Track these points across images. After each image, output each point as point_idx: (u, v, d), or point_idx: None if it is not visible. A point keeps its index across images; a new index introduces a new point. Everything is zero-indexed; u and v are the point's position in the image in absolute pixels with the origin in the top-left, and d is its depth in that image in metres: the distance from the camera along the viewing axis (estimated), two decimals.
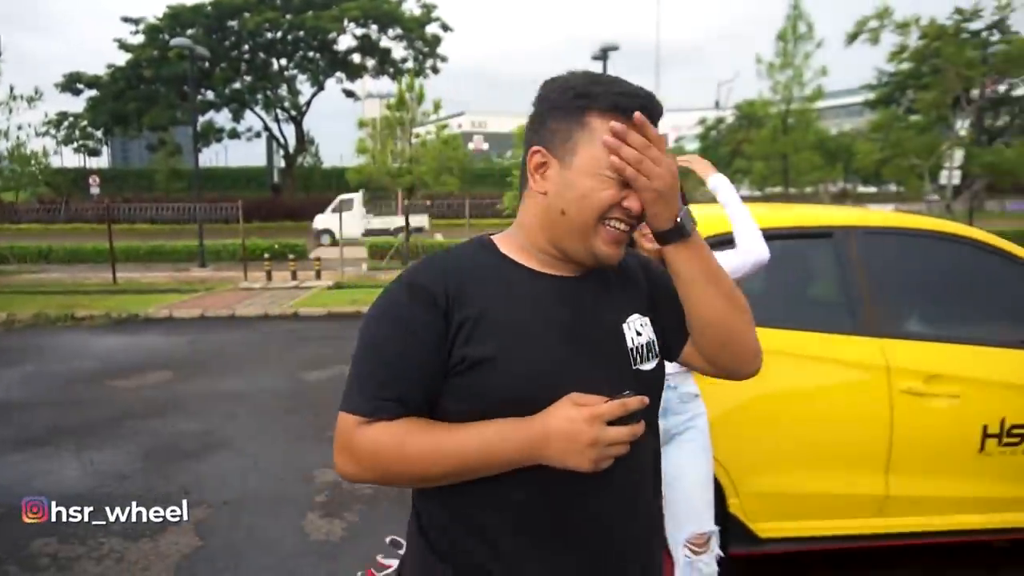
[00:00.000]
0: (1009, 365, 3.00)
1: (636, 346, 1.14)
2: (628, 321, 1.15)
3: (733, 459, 2.87)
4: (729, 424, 2.82)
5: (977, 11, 17.97)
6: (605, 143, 1.02)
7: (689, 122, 65.85)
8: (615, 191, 1.05)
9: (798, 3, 19.10)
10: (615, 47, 17.90)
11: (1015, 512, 3.05)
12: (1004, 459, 2.98)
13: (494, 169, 42.11)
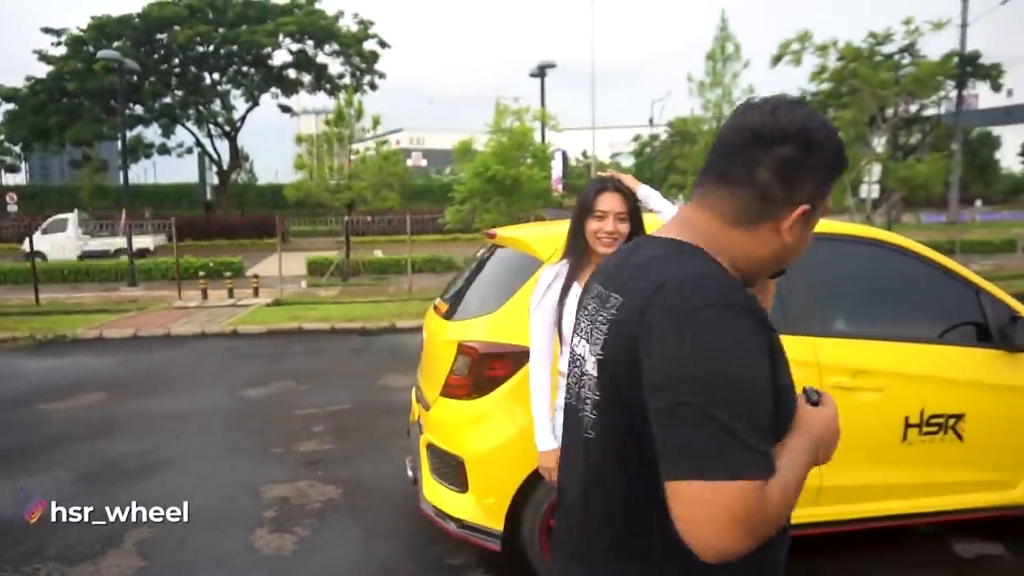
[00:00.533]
0: (927, 359, 3.24)
1: None
2: None
3: None
4: None
5: (889, 35, 19.12)
6: None
7: (624, 139, 67.45)
8: None
9: (726, 25, 19.90)
10: (552, 65, 18.25)
11: (937, 497, 3.28)
12: (924, 447, 3.21)
13: (433, 185, 42.11)
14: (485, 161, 11.68)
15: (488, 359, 2.98)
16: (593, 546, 1.09)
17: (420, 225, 26.85)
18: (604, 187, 2.36)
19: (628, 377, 0.97)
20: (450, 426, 3.11)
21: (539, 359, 2.42)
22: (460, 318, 3.29)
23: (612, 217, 2.32)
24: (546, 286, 2.38)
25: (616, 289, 1.05)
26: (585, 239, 2.36)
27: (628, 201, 2.34)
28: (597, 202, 2.34)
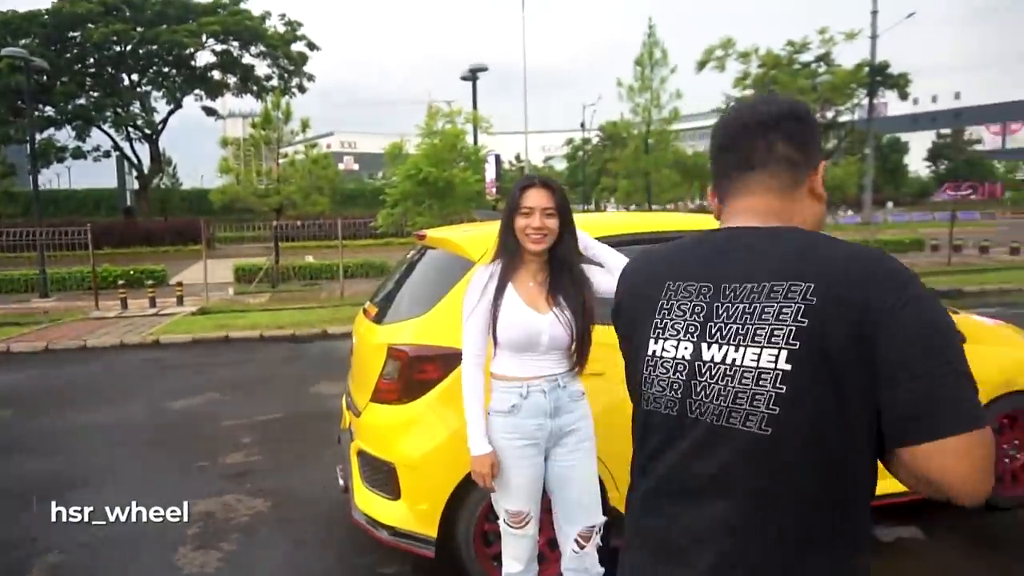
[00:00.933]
0: None
1: None
2: None
3: (612, 455, 3.01)
4: (606, 421, 2.96)
5: (806, 44, 19.98)
6: None
7: (557, 143, 68.23)
8: None
9: (653, 31, 20.41)
10: (484, 68, 18.28)
11: None
12: None
13: (366, 189, 41.51)
14: (417, 163, 11.57)
15: (419, 362, 2.92)
16: (764, 549, 1.04)
17: (353, 229, 26.30)
18: (530, 183, 2.35)
19: (848, 358, 0.97)
20: (381, 432, 3.04)
21: (472, 362, 2.38)
22: (390, 321, 3.22)
23: (539, 213, 2.31)
24: (481, 288, 2.35)
25: (781, 278, 1.03)
26: (515, 237, 2.34)
27: (555, 196, 2.33)
28: (523, 198, 2.32)
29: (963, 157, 65.00)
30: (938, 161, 66.66)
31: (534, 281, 2.39)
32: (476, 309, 2.34)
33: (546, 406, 2.38)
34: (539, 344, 2.34)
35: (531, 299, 2.35)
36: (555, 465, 2.45)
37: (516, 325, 2.31)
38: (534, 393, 2.36)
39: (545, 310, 2.34)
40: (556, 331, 2.33)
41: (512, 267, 2.35)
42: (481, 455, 2.34)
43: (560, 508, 2.47)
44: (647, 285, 1.20)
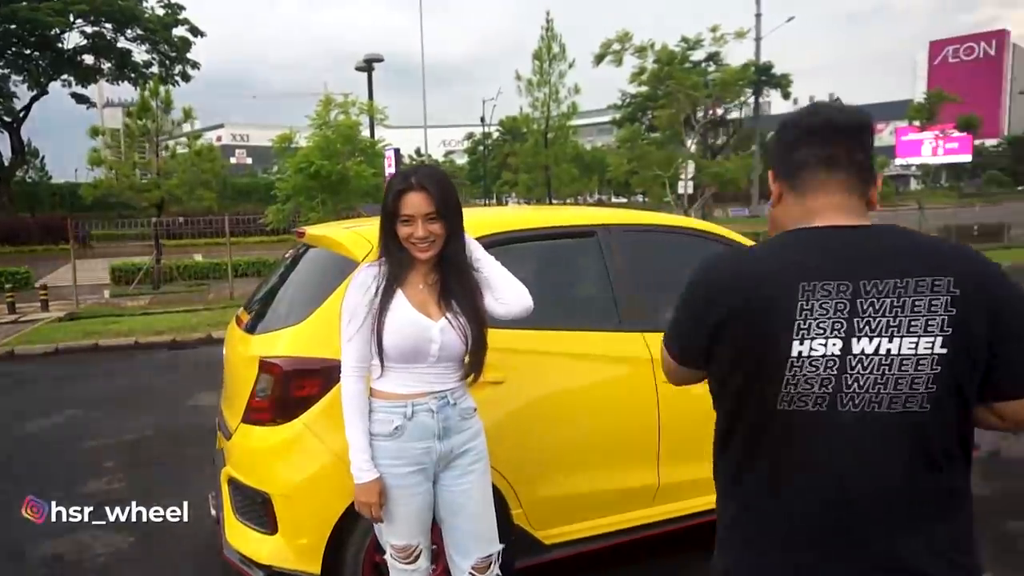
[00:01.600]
0: None
1: None
2: None
3: (514, 468, 2.78)
4: (506, 433, 2.72)
5: (699, 41, 20.58)
6: None
7: (458, 137, 67.77)
8: None
9: (551, 25, 20.44)
10: (379, 59, 17.69)
11: None
12: None
13: (259, 184, 39.67)
14: (308, 156, 10.95)
15: (295, 377, 2.57)
16: (909, 526, 1.20)
17: (244, 226, 24.96)
18: (406, 186, 2.05)
19: (983, 342, 1.16)
20: (254, 457, 2.66)
21: (353, 374, 2.07)
22: (264, 330, 2.84)
23: (420, 220, 2.03)
24: (363, 289, 2.05)
25: (925, 273, 1.18)
26: (401, 244, 2.06)
27: (435, 199, 2.04)
28: (401, 206, 2.04)
29: None
30: None
31: (424, 283, 2.11)
32: (357, 313, 2.04)
33: (434, 427, 2.10)
34: (429, 354, 2.06)
35: (421, 303, 2.07)
36: (444, 491, 2.18)
37: (404, 332, 2.02)
38: (420, 413, 2.08)
39: (437, 315, 2.07)
40: (448, 338, 2.07)
41: (402, 272, 2.07)
42: (367, 483, 2.04)
43: (451, 539, 2.20)
44: (773, 289, 1.23)
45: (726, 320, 1.26)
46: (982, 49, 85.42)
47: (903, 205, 26.57)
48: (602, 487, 2.98)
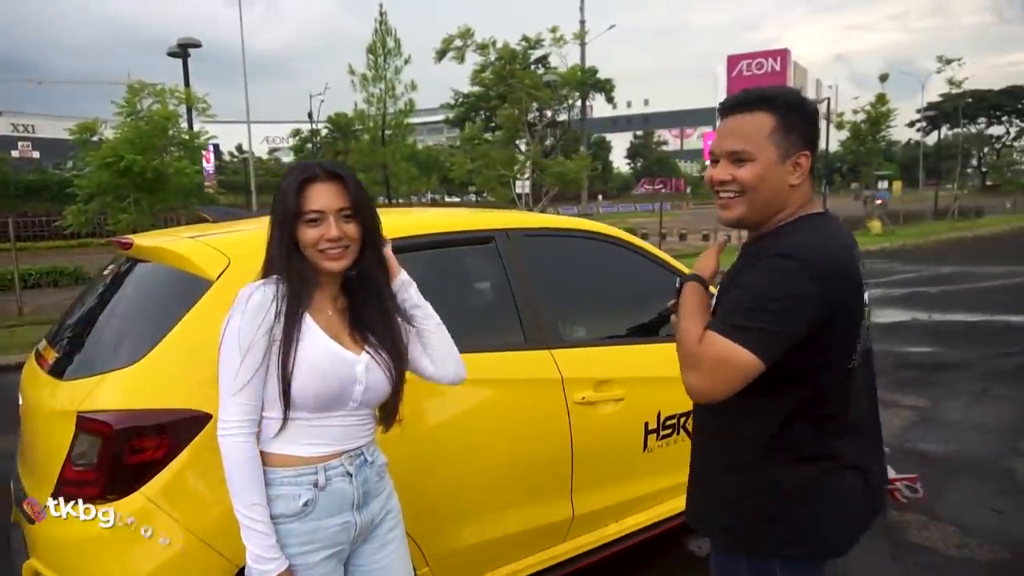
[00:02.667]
0: (660, 358, 3.03)
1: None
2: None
3: (416, 520, 2.33)
4: (405, 479, 2.27)
5: (539, 40, 20.78)
6: None
7: (283, 133, 64.32)
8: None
9: (385, 19, 19.73)
10: (196, 44, 16.06)
11: (678, 499, 3.13)
12: (662, 451, 3.03)
13: (50, 180, 34.92)
14: (116, 149, 9.51)
15: (131, 436, 1.93)
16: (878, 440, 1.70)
17: (33, 229, 21.80)
18: (311, 175, 1.57)
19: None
20: (75, 550, 1.98)
21: (241, 434, 1.53)
22: (80, 374, 2.14)
23: (332, 217, 1.55)
24: (258, 317, 1.52)
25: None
26: (302, 254, 1.57)
27: (350, 192, 1.58)
28: (307, 198, 1.54)
29: (655, 156, 74.62)
30: (635, 159, 75.75)
31: (333, 308, 1.63)
32: (253, 349, 1.50)
33: (352, 495, 1.63)
34: (350, 399, 1.59)
35: (335, 333, 1.60)
36: (359, 571, 1.71)
37: (323, 370, 1.54)
38: (335, 479, 1.60)
39: (355, 348, 1.61)
40: (374, 378, 1.62)
41: (304, 286, 1.56)
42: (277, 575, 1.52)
43: None
44: (855, 272, 1.50)
45: (839, 304, 1.44)
46: (770, 65, 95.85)
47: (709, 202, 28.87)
48: (514, 528, 2.62)
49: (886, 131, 24.78)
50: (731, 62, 77.22)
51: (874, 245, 19.67)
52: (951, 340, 8.02)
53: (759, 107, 1.49)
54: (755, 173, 1.48)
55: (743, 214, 1.53)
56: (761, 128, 1.48)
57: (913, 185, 59.44)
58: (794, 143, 1.48)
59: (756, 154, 1.48)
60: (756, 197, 1.50)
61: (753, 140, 1.48)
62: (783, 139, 1.48)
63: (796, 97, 1.51)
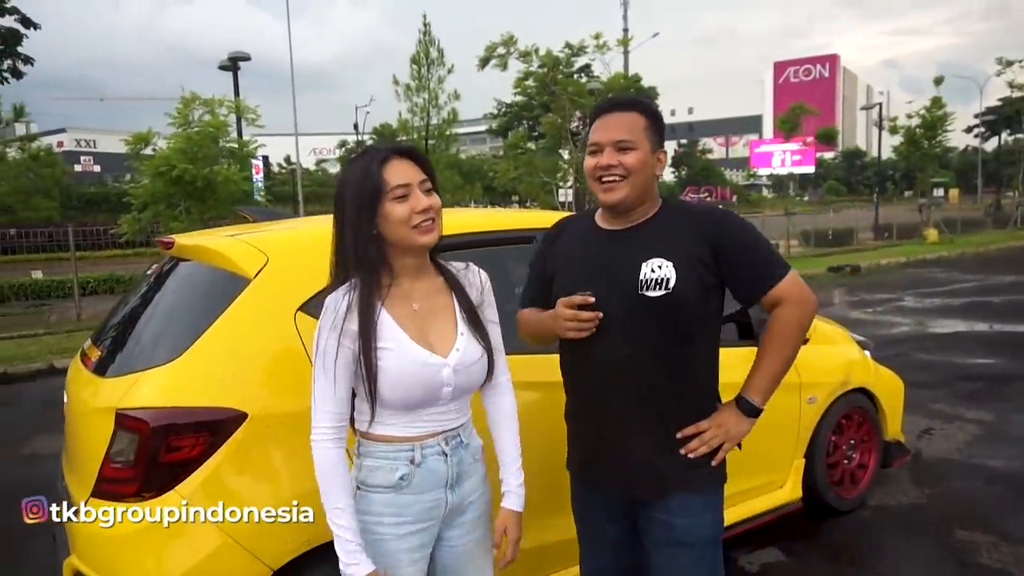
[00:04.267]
0: None
1: (645, 278, 1.70)
2: (648, 260, 1.71)
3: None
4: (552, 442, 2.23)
5: (583, 47, 20.66)
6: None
7: (330, 145, 65.47)
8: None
9: (428, 29, 19.92)
10: (245, 57, 16.46)
11: None
12: None
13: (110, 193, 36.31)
14: (169, 159, 9.77)
15: (168, 434, 1.91)
16: None
17: (92, 239, 22.58)
18: (387, 155, 1.54)
19: None
20: (111, 547, 1.96)
21: (330, 437, 1.53)
22: (121, 371, 2.14)
23: (418, 189, 1.54)
24: (332, 322, 1.51)
25: None
26: (383, 240, 1.53)
27: (424, 164, 1.59)
28: (389, 176, 1.51)
29: (700, 165, 73.67)
30: (680, 168, 74.92)
31: (418, 302, 1.59)
32: (327, 357, 1.51)
33: (446, 474, 1.61)
34: (439, 398, 1.56)
35: (420, 333, 1.56)
36: (444, 553, 1.68)
37: (407, 379, 1.51)
38: (431, 457, 1.59)
39: (445, 346, 1.58)
40: (463, 379, 1.59)
41: (380, 280, 1.53)
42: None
43: None
44: None
45: None
46: (818, 71, 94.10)
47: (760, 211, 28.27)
48: (553, 538, 2.52)
49: (943, 136, 23.91)
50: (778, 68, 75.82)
51: (931, 254, 18.97)
52: (1016, 352, 7.62)
53: (633, 108, 1.77)
54: (638, 159, 1.72)
55: (626, 195, 1.73)
56: (638, 124, 1.74)
57: (971, 192, 57.29)
58: (657, 142, 1.77)
59: (637, 144, 1.73)
60: (637, 180, 1.72)
61: (635, 133, 1.73)
62: (652, 136, 1.75)
63: (655, 105, 1.84)
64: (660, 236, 1.74)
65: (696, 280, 1.69)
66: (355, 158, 1.58)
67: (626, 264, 1.72)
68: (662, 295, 1.68)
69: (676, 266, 1.68)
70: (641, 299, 1.69)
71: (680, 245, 1.71)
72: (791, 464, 3.34)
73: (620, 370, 1.74)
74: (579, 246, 1.86)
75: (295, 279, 2.13)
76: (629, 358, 1.72)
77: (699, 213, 1.77)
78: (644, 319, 1.69)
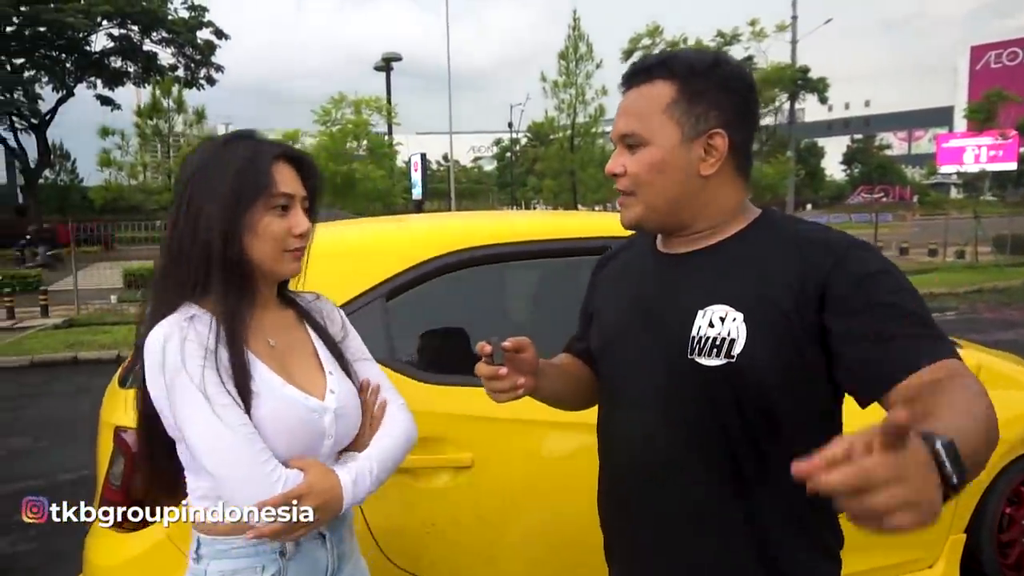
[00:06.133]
0: None
1: (699, 336, 1.07)
2: (707, 309, 1.08)
3: None
4: (477, 539, 1.89)
5: (736, 35, 19.41)
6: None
7: (486, 143, 67.24)
8: None
9: (577, 24, 19.58)
10: (397, 57, 17.00)
11: None
12: None
13: None
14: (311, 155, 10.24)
15: None
16: None
17: None
18: (283, 152, 1.22)
19: None
20: (100, 573, 1.82)
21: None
22: (132, 384, 2.00)
23: (299, 206, 1.21)
24: (198, 355, 1.11)
25: None
26: (249, 255, 1.17)
27: (311, 180, 1.26)
28: (278, 179, 1.17)
29: (875, 162, 67.56)
30: (852, 165, 69.11)
31: (272, 336, 1.24)
32: (222, 396, 1.10)
33: (326, 562, 1.24)
34: (320, 454, 1.21)
35: (285, 374, 1.20)
36: None
37: (289, 430, 1.15)
38: (307, 543, 1.21)
39: (317, 388, 1.22)
40: (346, 422, 1.24)
41: (242, 309, 1.17)
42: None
43: None
44: None
45: None
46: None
47: (943, 213, 25.14)
48: None
49: None
50: (976, 53, 67.89)
51: None
52: None
53: (657, 74, 1.11)
54: (647, 161, 1.10)
55: (640, 216, 1.14)
56: (657, 101, 1.09)
57: None
58: (703, 117, 1.08)
59: (649, 136, 1.10)
60: (652, 193, 1.11)
61: (646, 118, 1.10)
62: (686, 113, 1.09)
63: (706, 57, 1.11)
64: (736, 270, 1.10)
65: (778, 344, 1.03)
66: (230, 140, 1.21)
67: (675, 310, 1.12)
68: (721, 365, 1.05)
69: (748, 320, 1.05)
70: (691, 366, 1.08)
71: (761, 284, 1.06)
72: (945, 539, 2.64)
73: (654, 466, 1.16)
74: (629, 277, 1.27)
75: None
76: (668, 461, 1.14)
77: (815, 239, 1.07)
78: (694, 398, 1.09)
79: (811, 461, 0.64)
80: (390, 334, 1.94)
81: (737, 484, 1.09)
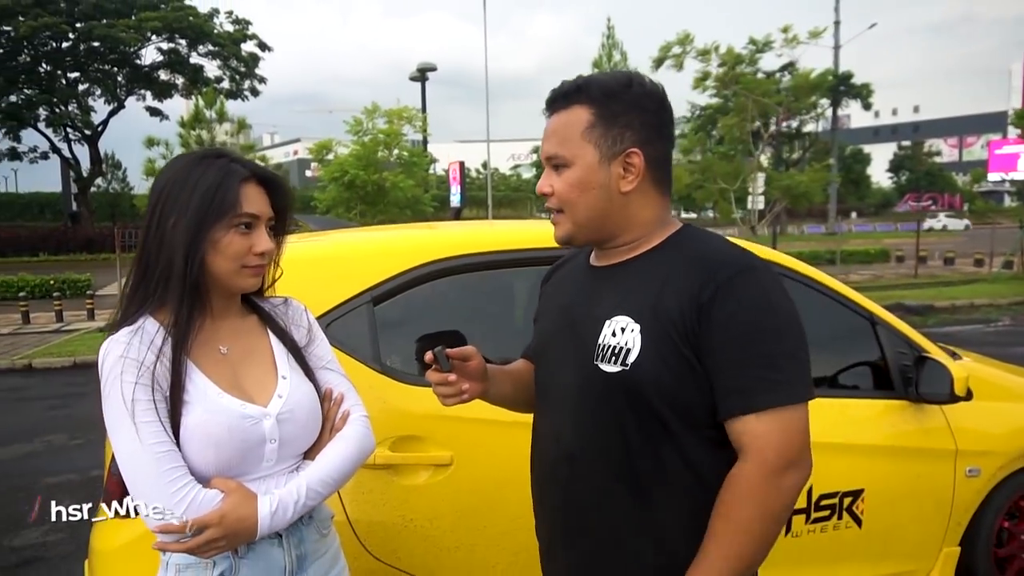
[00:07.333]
0: (818, 417, 2.35)
1: (603, 344, 1.17)
2: (613, 319, 1.17)
3: None
4: (454, 536, 1.96)
5: (769, 42, 19.19)
6: None
7: (524, 151, 67.40)
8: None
9: (612, 32, 19.60)
10: (432, 68, 17.26)
11: None
12: (814, 538, 2.34)
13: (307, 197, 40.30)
14: (343, 165, 10.46)
15: None
16: None
17: None
18: (253, 173, 1.28)
19: None
20: (100, 560, 1.94)
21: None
22: None
23: (263, 226, 1.28)
24: (138, 366, 1.18)
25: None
26: (209, 270, 1.24)
27: (281, 200, 1.32)
28: (244, 197, 1.24)
29: (923, 169, 65.75)
30: (900, 172, 67.36)
31: (225, 343, 1.31)
32: (146, 413, 1.16)
33: (283, 561, 1.29)
34: (263, 457, 1.26)
35: (232, 380, 1.27)
36: None
37: (218, 435, 1.20)
38: (261, 543, 1.26)
39: (264, 394, 1.28)
40: (294, 425, 1.29)
41: (192, 322, 1.24)
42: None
43: None
44: None
45: None
46: None
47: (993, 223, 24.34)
48: None
49: None
50: None
51: None
52: None
53: (575, 100, 1.20)
54: (570, 182, 1.19)
55: (569, 232, 1.24)
56: (575, 126, 1.19)
57: None
58: (619, 138, 1.17)
59: (571, 158, 1.19)
60: (578, 211, 1.20)
61: (567, 141, 1.19)
62: (603, 135, 1.18)
63: (619, 79, 1.21)
64: (641, 283, 1.19)
65: (667, 355, 1.12)
66: (204, 158, 1.27)
67: (590, 319, 1.22)
68: (618, 372, 1.15)
69: (644, 332, 1.13)
70: (595, 372, 1.18)
71: (658, 299, 1.14)
72: (938, 551, 2.62)
73: (561, 468, 1.28)
74: (564, 287, 1.38)
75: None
76: (571, 456, 1.25)
77: (709, 260, 1.14)
78: (596, 400, 1.19)
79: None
80: (376, 337, 2.04)
81: (633, 482, 1.18)
